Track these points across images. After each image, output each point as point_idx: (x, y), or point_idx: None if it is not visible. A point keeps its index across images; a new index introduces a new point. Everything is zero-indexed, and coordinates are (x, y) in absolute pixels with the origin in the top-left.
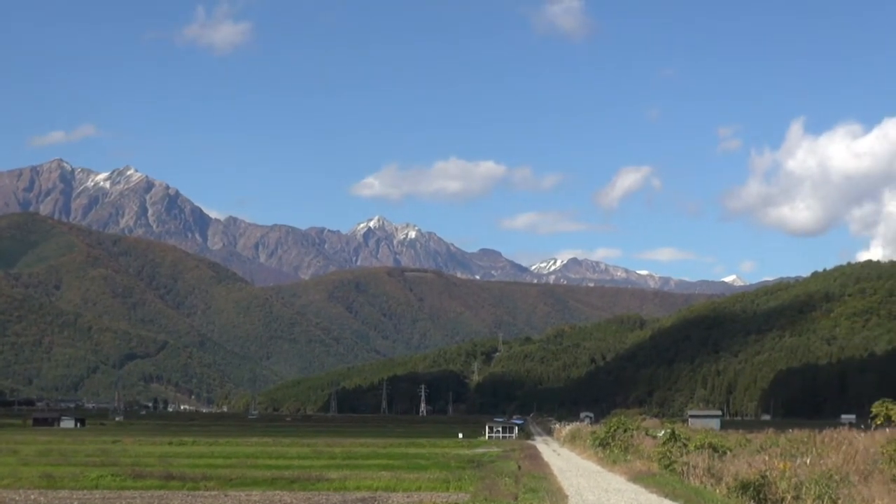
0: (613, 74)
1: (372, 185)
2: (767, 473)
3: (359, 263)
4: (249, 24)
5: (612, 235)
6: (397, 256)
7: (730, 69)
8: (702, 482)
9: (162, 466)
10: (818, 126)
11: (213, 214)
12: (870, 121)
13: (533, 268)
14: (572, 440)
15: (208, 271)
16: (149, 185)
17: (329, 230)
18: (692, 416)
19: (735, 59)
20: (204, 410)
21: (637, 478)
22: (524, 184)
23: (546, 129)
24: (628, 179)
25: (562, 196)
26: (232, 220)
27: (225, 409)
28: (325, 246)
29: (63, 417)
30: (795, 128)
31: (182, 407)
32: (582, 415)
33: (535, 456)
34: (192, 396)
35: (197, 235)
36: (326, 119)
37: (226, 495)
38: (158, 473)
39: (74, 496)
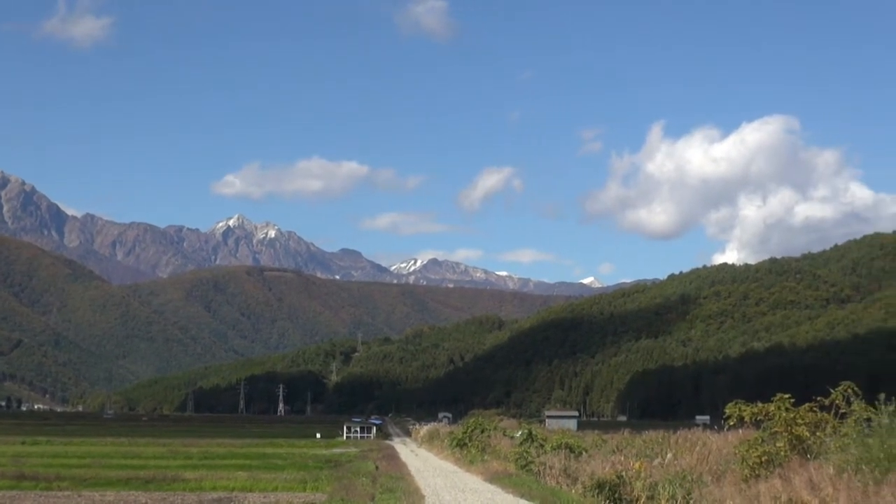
0: (476, 75)
1: (232, 184)
2: (623, 473)
3: (217, 262)
4: (111, 19)
5: (473, 236)
6: (257, 255)
7: (592, 72)
8: (558, 482)
9: (14, 466)
10: (677, 130)
11: (70, 211)
12: (728, 126)
13: (393, 268)
14: (430, 440)
15: (64, 269)
16: (4, 181)
17: (188, 228)
18: (549, 417)
19: (597, 62)
20: (59, 410)
21: (494, 478)
22: (387, 184)
23: (410, 129)
24: (490, 181)
25: (424, 197)
26: (89, 218)
27: (80, 408)
28: (184, 244)
29: None
30: (655, 131)
31: (36, 406)
32: (440, 415)
33: (393, 456)
34: (47, 395)
35: (53, 232)
36: (187, 116)
37: (79, 495)
38: (10, 473)
39: None
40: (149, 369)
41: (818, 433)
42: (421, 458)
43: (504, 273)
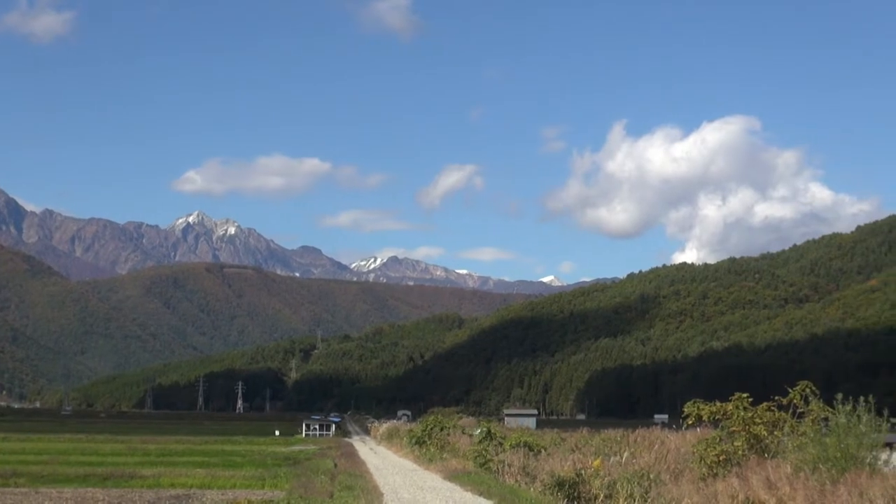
0: (439, 73)
1: (193, 180)
2: (582, 472)
3: (177, 259)
4: (72, 14)
5: (434, 234)
6: (216, 252)
7: (555, 71)
8: (516, 480)
9: None
10: (639, 129)
11: (28, 207)
12: (688, 125)
13: (353, 266)
14: (389, 438)
15: (23, 265)
16: None
17: (147, 225)
18: (508, 415)
19: (560, 61)
20: (16, 406)
21: (452, 476)
22: (348, 182)
23: (372, 127)
24: (451, 178)
25: (386, 194)
26: (48, 213)
27: (38, 404)
28: (144, 241)
29: None
30: (617, 130)
31: None
32: (399, 413)
33: (352, 454)
34: (4, 392)
35: (12, 228)
36: (148, 112)
37: (37, 492)
38: None
39: None
40: (107, 366)
41: (776, 432)
42: (380, 455)
43: (464, 271)
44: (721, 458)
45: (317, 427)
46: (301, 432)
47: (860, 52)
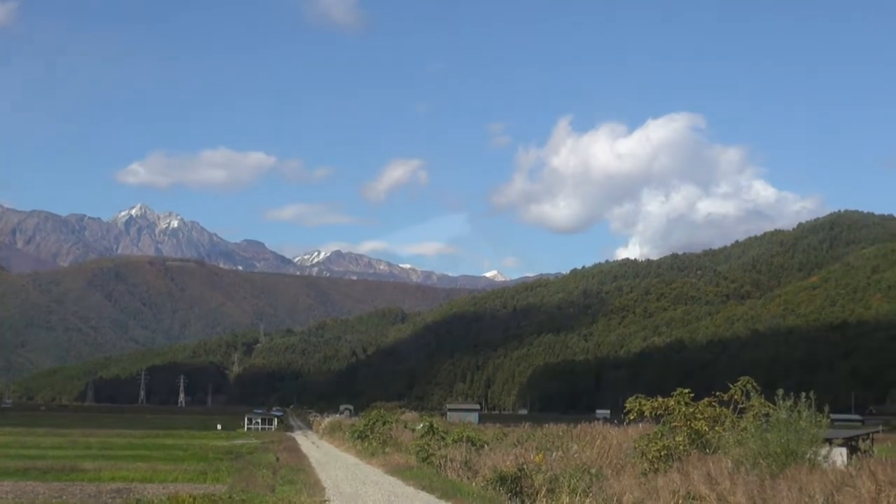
0: (385, 67)
1: (137, 172)
2: (524, 466)
3: (119, 252)
4: (15, 3)
5: (378, 228)
6: (159, 245)
7: (501, 66)
8: (459, 475)
9: None
10: (584, 125)
11: None
12: (633, 121)
13: (296, 260)
14: (331, 433)
15: None
16: None
17: (90, 217)
18: (451, 410)
19: (506, 56)
20: None
21: (395, 470)
22: (294, 175)
23: (317, 120)
24: (396, 173)
25: (331, 188)
26: None
27: None
28: (86, 233)
29: None
30: (562, 126)
31: None
32: (342, 407)
33: (294, 448)
34: None
35: None
36: (91, 103)
37: None
38: None
39: None
40: (48, 359)
41: (717, 428)
42: (322, 450)
43: (408, 266)
44: (662, 454)
45: (259, 421)
46: (243, 426)
47: (805, 52)
